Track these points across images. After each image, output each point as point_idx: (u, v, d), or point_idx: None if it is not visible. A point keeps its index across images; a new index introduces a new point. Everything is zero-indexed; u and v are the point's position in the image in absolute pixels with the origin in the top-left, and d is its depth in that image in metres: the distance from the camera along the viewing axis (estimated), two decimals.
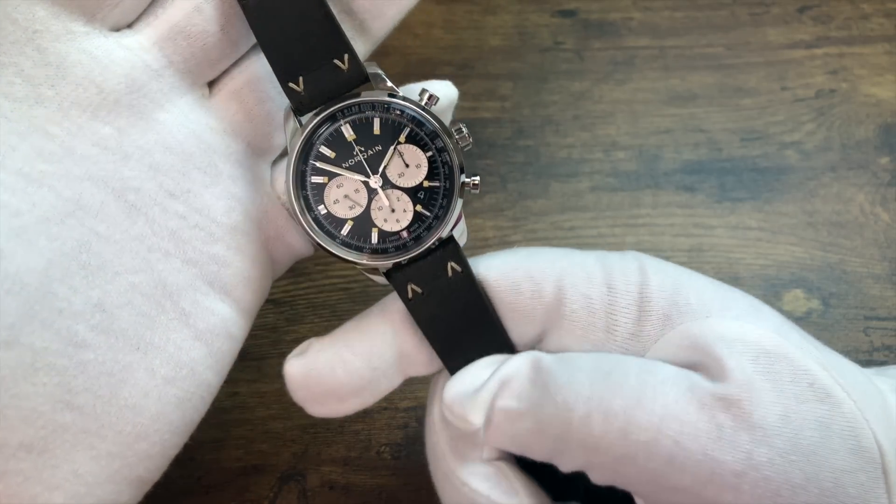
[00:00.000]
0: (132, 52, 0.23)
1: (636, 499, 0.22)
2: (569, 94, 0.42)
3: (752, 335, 0.22)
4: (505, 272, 0.24)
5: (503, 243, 0.37)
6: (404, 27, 0.44)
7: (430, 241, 0.24)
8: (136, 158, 0.23)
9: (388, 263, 0.24)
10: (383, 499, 0.31)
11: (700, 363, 0.22)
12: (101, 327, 0.22)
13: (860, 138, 0.40)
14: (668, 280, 0.23)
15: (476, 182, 0.24)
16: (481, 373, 0.23)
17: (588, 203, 0.38)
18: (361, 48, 0.26)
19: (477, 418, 0.22)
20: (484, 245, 0.37)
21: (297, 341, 0.34)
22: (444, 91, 0.26)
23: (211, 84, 0.25)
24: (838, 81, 0.42)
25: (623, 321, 0.23)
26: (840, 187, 0.39)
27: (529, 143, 0.40)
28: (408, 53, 0.43)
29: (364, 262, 0.24)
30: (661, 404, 0.21)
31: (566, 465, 0.22)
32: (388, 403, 0.33)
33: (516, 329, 0.25)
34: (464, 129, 0.24)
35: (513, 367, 0.23)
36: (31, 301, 0.20)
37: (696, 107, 0.41)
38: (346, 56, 0.23)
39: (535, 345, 0.25)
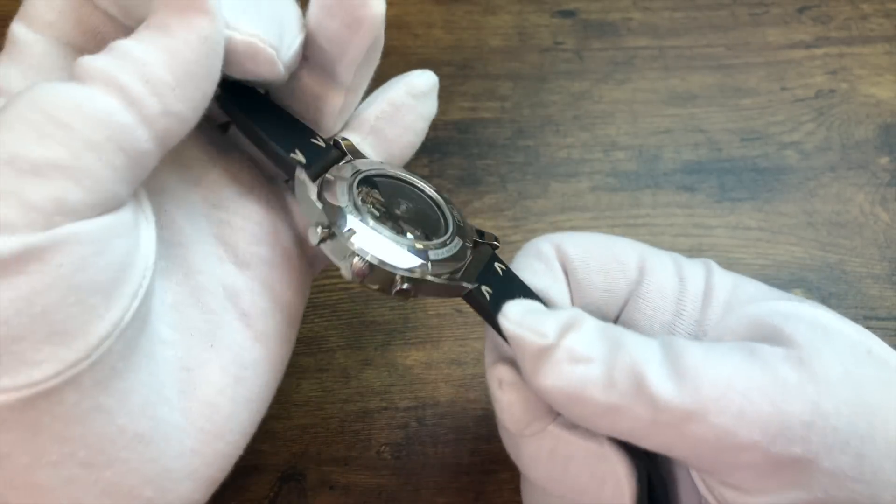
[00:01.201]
0: None
1: (693, 472, 0.23)
2: (569, 94, 0.42)
3: (808, 313, 0.23)
4: (591, 251, 0.25)
5: (503, 243, 0.37)
6: (404, 27, 0.44)
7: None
8: None
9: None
10: (383, 499, 0.31)
11: (759, 336, 0.23)
12: (178, 325, 0.22)
13: (860, 138, 0.40)
14: (728, 278, 0.25)
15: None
16: (536, 304, 0.23)
17: (588, 203, 0.38)
18: (336, 100, 0.26)
19: (553, 331, 0.21)
20: None
21: (298, 341, 0.34)
22: (424, 81, 0.28)
23: None
24: (838, 81, 0.42)
25: (690, 308, 0.24)
26: (840, 187, 0.39)
27: (529, 143, 0.40)
28: (408, 53, 0.43)
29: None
30: (730, 364, 0.21)
31: (621, 426, 0.22)
32: (388, 403, 0.33)
33: (593, 305, 0.25)
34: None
35: (576, 312, 0.22)
36: None
37: (696, 107, 0.41)
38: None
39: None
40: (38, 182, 0.18)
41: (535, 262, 0.25)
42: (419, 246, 0.24)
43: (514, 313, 0.22)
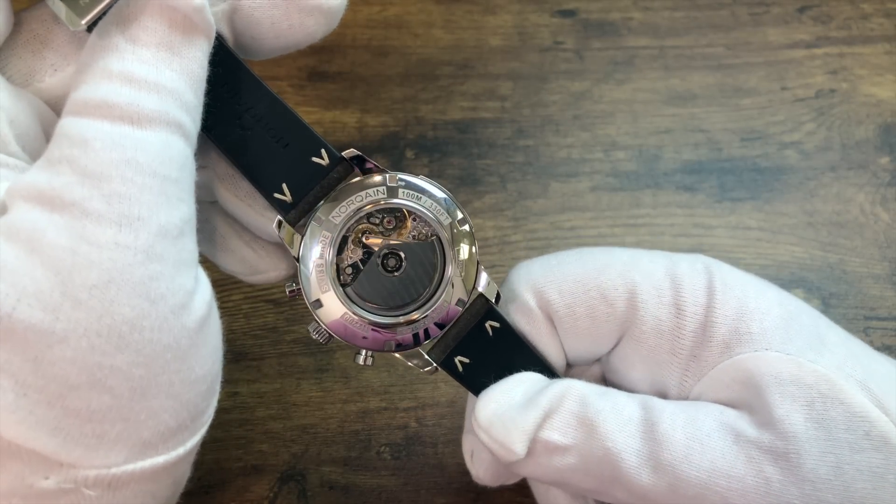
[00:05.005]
0: None
1: None
2: (569, 94, 0.42)
3: (810, 377, 0.21)
4: (577, 296, 0.24)
5: (503, 243, 0.37)
6: (404, 27, 0.44)
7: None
8: None
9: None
10: (383, 499, 0.31)
11: (749, 403, 0.22)
12: None
13: (860, 138, 0.40)
14: (732, 302, 0.23)
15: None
16: (513, 391, 0.23)
17: (588, 203, 0.38)
18: None
19: (521, 447, 0.22)
20: (484, 245, 0.37)
21: (297, 341, 0.35)
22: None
23: None
24: (838, 81, 0.42)
25: (687, 345, 0.23)
26: (840, 187, 0.39)
27: (529, 143, 0.40)
28: (408, 53, 0.43)
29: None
30: (709, 459, 0.21)
31: (604, 499, 0.22)
32: (388, 404, 0.33)
33: (581, 346, 0.25)
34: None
35: (555, 396, 0.22)
36: None
37: (696, 107, 0.41)
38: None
39: (594, 359, 0.26)
40: (181, 242, 0.19)
41: (517, 315, 0.25)
42: (383, 321, 0.23)
43: (484, 417, 0.22)
